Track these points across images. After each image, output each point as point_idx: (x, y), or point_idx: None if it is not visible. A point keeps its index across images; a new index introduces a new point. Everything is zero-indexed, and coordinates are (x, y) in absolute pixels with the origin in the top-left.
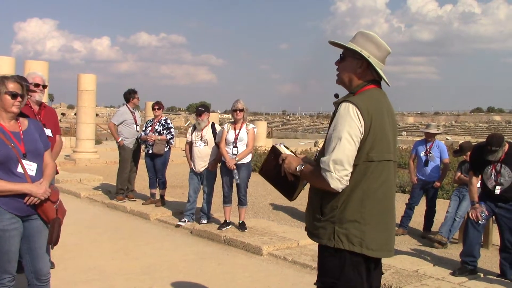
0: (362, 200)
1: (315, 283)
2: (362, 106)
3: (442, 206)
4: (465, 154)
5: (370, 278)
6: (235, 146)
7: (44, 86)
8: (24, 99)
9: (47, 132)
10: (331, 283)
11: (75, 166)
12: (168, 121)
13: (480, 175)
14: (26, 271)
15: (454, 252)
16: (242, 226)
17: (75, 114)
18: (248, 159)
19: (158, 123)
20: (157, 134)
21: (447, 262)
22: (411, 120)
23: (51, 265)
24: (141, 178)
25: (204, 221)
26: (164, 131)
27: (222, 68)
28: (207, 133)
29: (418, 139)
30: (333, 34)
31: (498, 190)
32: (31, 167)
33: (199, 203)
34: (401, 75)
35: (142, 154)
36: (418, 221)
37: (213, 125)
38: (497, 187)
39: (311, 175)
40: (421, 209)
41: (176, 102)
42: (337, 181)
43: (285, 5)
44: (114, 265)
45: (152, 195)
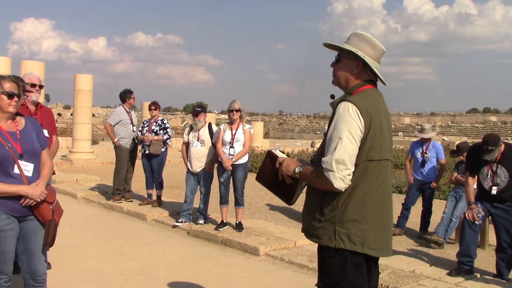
0: (362, 200)
1: (316, 285)
2: (361, 105)
3: (439, 207)
4: (462, 155)
5: (370, 277)
6: (232, 147)
7: (41, 86)
8: (20, 99)
9: (44, 132)
10: (332, 284)
11: (72, 166)
12: (165, 122)
13: (476, 176)
14: (23, 272)
15: (450, 252)
16: (239, 227)
17: (71, 115)
18: (244, 159)
19: (154, 124)
20: (153, 134)
21: (443, 262)
22: (407, 120)
23: (48, 265)
24: (137, 178)
25: (201, 221)
26: (161, 132)
27: (219, 68)
28: (204, 133)
29: (414, 139)
30: (330, 35)
31: (494, 190)
32: (27, 167)
33: (196, 203)
34: (397, 76)
35: (139, 155)
36: (414, 221)
37: (210, 125)
38: (493, 188)
39: (312, 176)
40: (418, 209)
41: (173, 102)
42: (341, 181)
43: (282, 6)
44: (111, 265)
45: (149, 195)
